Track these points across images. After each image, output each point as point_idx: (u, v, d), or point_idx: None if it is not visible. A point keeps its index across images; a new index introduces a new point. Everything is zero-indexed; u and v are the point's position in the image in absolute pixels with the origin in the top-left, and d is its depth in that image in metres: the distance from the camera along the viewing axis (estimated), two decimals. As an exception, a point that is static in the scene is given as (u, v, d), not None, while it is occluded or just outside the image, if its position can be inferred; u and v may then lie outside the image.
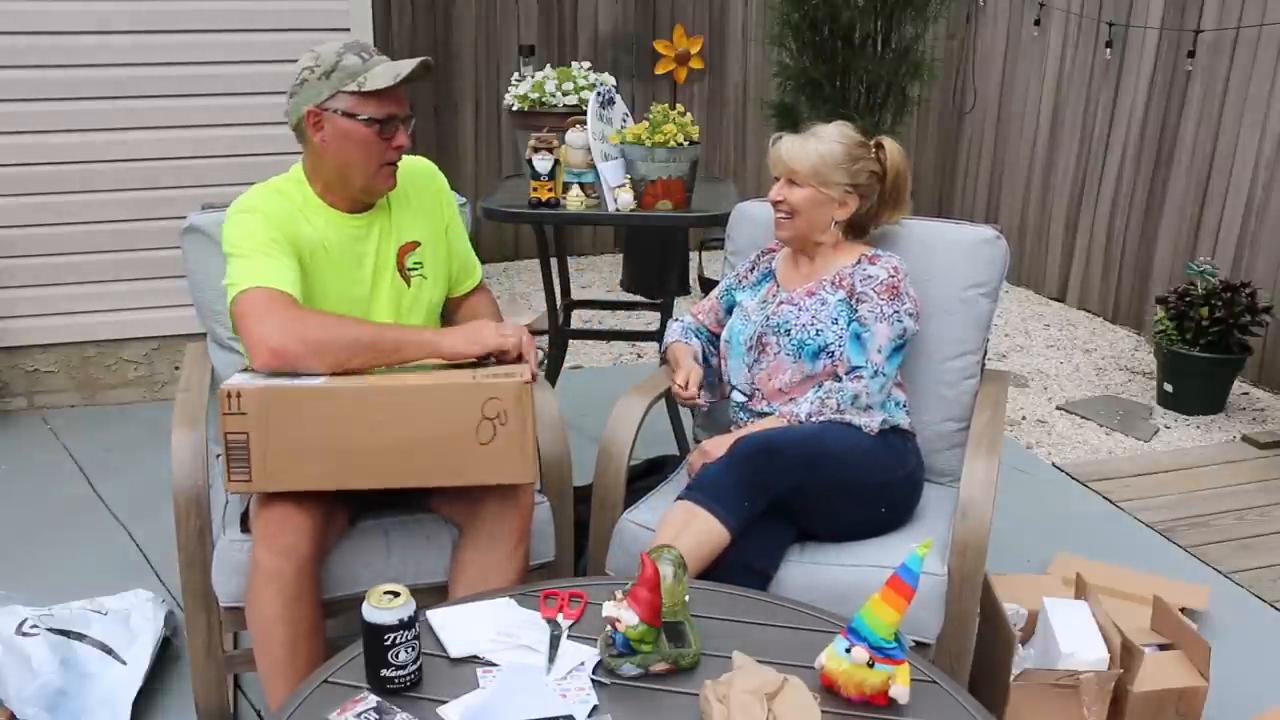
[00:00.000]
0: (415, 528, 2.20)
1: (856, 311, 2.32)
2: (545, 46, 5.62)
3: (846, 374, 2.30)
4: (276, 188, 2.12)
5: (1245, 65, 4.45)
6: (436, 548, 2.19)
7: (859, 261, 2.37)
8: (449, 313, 2.37)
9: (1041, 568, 3.04)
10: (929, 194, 6.32)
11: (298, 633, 1.97)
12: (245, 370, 2.00)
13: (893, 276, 2.33)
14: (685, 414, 3.10)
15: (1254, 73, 4.42)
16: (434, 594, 2.11)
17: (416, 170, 2.24)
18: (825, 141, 2.34)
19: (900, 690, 1.61)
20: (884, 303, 2.30)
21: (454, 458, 1.92)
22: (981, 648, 2.21)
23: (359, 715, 1.54)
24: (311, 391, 1.89)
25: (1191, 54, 4.65)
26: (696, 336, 2.58)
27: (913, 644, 2.05)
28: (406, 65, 2.03)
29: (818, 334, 2.33)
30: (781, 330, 2.36)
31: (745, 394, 2.41)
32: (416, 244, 2.19)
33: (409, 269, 2.18)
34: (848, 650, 1.61)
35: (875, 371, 2.29)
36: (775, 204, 2.38)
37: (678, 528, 2.07)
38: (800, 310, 2.36)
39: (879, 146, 2.39)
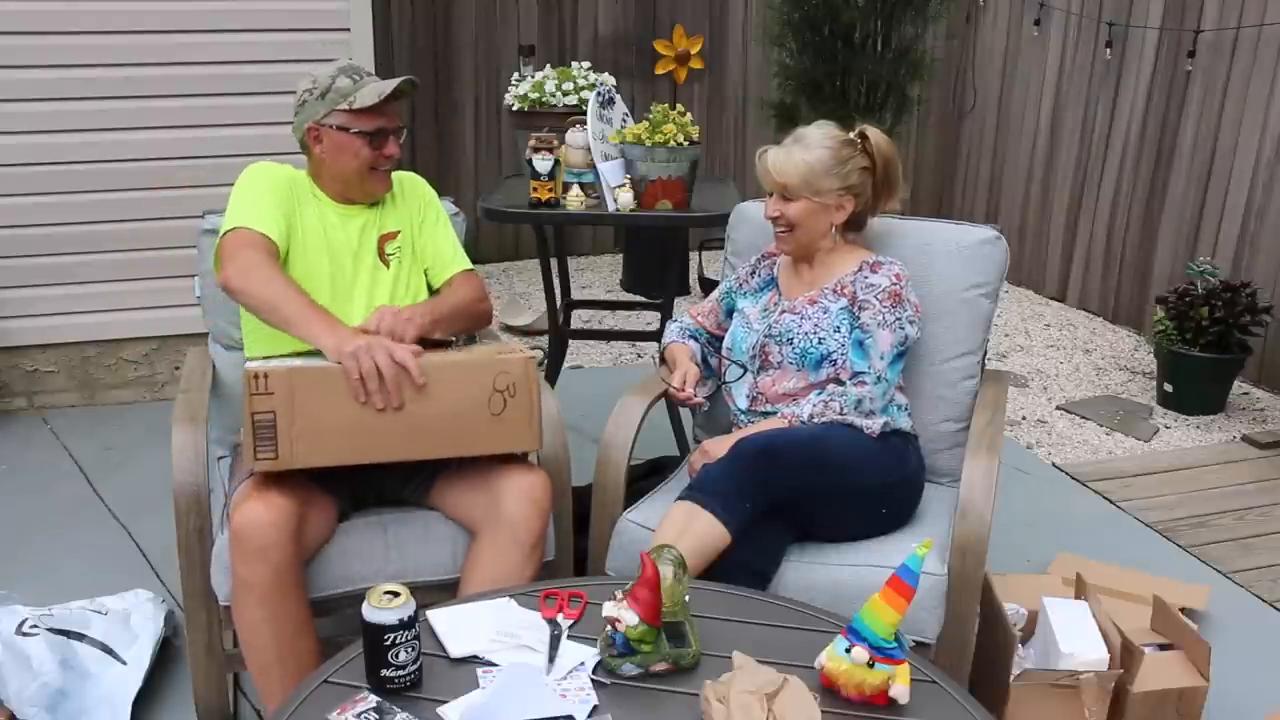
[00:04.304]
0: (413, 524, 2.21)
1: (858, 319, 2.32)
2: (545, 46, 5.61)
3: (850, 379, 2.30)
4: (288, 170, 2.33)
5: (1245, 65, 4.46)
6: (435, 544, 2.20)
7: (860, 269, 2.36)
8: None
9: (1041, 568, 3.03)
10: (929, 194, 6.32)
11: (282, 633, 1.99)
12: (258, 359, 2.09)
13: (895, 284, 2.32)
14: (685, 414, 3.10)
15: (1254, 73, 4.42)
16: (433, 591, 2.12)
17: (404, 180, 2.45)
18: (811, 149, 2.31)
19: (900, 690, 1.61)
20: (886, 310, 2.30)
21: (468, 429, 2.07)
22: (981, 648, 2.21)
23: (359, 715, 1.55)
24: (334, 372, 1.98)
25: (1191, 54, 4.65)
26: (695, 338, 2.58)
27: (913, 644, 2.04)
28: (391, 84, 2.25)
29: (820, 343, 2.32)
30: (784, 339, 2.35)
31: (748, 398, 2.41)
32: (396, 233, 2.37)
33: (388, 254, 2.35)
34: (848, 650, 1.62)
35: (878, 378, 2.28)
36: (773, 220, 2.37)
37: (678, 528, 2.07)
38: (803, 319, 2.35)
39: (863, 138, 2.37)
